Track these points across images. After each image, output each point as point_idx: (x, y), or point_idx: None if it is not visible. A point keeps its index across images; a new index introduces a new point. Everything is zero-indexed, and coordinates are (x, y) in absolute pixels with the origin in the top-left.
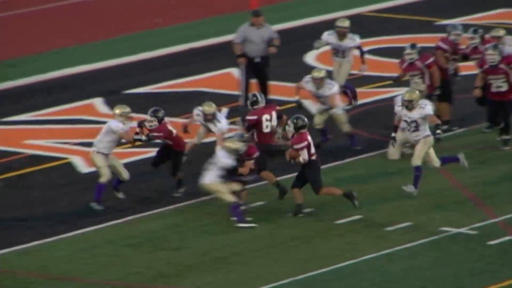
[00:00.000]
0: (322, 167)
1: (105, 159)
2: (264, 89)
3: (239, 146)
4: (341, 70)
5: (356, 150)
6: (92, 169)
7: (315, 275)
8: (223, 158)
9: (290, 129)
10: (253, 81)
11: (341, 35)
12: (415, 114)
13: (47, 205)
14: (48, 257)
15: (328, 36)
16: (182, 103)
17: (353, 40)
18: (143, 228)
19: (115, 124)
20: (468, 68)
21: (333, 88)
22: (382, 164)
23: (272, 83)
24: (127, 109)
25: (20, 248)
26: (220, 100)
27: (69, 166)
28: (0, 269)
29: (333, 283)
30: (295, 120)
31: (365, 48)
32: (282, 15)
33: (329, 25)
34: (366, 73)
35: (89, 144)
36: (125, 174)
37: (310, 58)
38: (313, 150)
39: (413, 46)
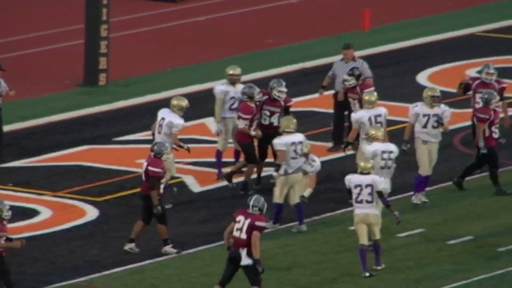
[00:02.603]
0: None
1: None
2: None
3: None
4: None
5: None
6: (204, 188)
7: None
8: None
9: None
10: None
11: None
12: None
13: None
14: (159, 275)
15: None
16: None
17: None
18: None
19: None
20: None
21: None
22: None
23: (384, 102)
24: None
25: (132, 266)
26: (331, 119)
27: (182, 185)
28: (112, 287)
29: None
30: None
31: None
32: (397, 34)
33: (442, 44)
34: None
35: (201, 164)
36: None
37: (422, 78)
38: None
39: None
